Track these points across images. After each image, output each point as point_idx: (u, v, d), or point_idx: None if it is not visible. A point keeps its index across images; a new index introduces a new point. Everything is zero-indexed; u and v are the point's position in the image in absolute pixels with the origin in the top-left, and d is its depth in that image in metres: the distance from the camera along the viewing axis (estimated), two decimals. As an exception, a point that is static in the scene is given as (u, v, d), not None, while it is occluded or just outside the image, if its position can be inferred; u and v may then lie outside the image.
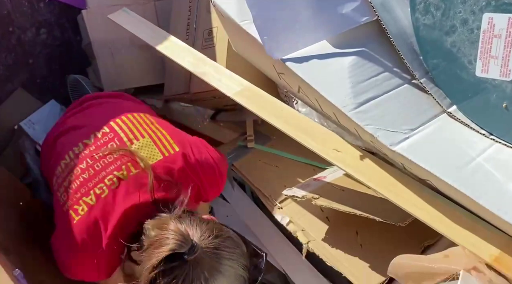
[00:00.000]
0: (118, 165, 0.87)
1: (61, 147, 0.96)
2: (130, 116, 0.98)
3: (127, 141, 0.92)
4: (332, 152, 0.86)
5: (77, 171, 0.88)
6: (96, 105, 1.08)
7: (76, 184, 0.87)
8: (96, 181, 0.86)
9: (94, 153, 0.89)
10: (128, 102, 1.15)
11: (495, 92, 0.76)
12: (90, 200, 0.84)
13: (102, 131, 0.94)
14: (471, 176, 0.71)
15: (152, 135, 0.94)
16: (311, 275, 1.17)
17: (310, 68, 0.85)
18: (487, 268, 0.65)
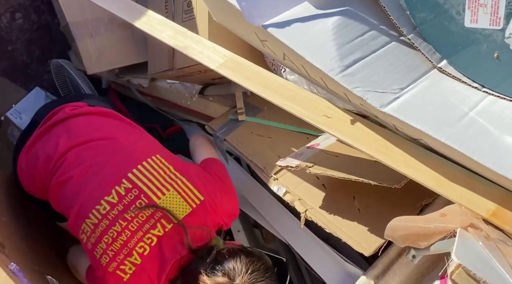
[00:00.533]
0: (152, 223, 0.94)
1: (73, 197, 0.99)
2: (145, 164, 1.00)
3: (153, 195, 0.96)
4: (322, 118, 0.84)
5: (112, 234, 0.93)
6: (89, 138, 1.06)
7: (116, 247, 0.93)
8: (136, 242, 0.93)
9: (124, 214, 0.94)
10: (117, 129, 1.11)
11: (485, 42, 0.73)
12: (134, 260, 0.92)
13: (123, 187, 0.96)
14: (464, 131, 0.69)
15: (175, 186, 0.98)
16: (312, 242, 1.17)
17: (293, 33, 0.82)
18: (483, 224, 0.64)
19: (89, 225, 0.95)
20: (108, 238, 0.93)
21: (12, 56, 1.63)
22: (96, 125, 1.10)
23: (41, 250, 1.17)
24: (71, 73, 1.60)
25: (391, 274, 0.96)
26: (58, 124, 1.11)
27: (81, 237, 0.97)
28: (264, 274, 0.92)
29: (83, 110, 1.14)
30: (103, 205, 0.95)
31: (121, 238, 0.93)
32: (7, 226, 1.08)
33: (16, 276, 0.84)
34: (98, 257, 0.94)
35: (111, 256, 0.92)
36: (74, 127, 1.09)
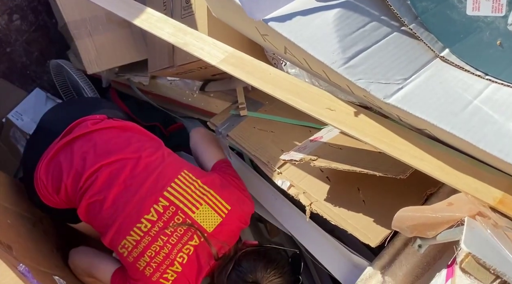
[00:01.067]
0: (190, 235, 1.06)
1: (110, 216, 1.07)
2: (177, 181, 1.10)
3: (188, 211, 1.08)
4: (325, 111, 0.84)
5: (155, 248, 1.04)
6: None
7: (159, 259, 1.04)
8: (176, 253, 1.05)
9: (165, 229, 1.05)
10: (142, 145, 1.16)
11: (488, 29, 0.73)
12: (176, 268, 1.04)
13: (161, 205, 1.07)
14: (469, 120, 0.69)
15: (206, 199, 1.10)
16: (317, 235, 1.17)
17: (294, 26, 0.81)
18: (491, 212, 0.64)
19: (130, 241, 1.05)
20: (151, 252, 1.04)
21: (11, 58, 1.63)
22: (122, 141, 1.16)
23: (47, 251, 1.17)
24: (70, 73, 1.60)
25: (398, 264, 0.97)
26: (80, 137, 1.15)
27: (121, 251, 1.06)
28: (282, 270, 1.06)
29: (105, 124, 1.19)
30: (144, 223, 1.05)
31: (163, 251, 1.04)
32: (12, 229, 1.08)
33: (25, 277, 0.85)
34: (142, 269, 1.04)
35: (155, 267, 1.04)
36: (100, 143, 1.14)
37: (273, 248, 1.13)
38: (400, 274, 0.96)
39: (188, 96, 1.55)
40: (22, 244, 1.06)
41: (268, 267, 1.05)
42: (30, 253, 1.07)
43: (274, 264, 1.06)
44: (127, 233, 1.05)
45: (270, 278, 1.04)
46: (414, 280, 0.96)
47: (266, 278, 1.04)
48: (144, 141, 1.18)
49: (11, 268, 0.79)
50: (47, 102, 1.65)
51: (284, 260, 1.11)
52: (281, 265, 1.07)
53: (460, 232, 0.66)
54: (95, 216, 1.09)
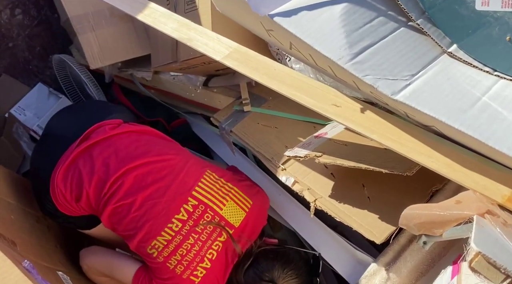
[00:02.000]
0: (219, 231, 1.09)
1: (139, 219, 1.08)
2: (203, 181, 1.13)
3: (217, 208, 1.10)
4: (331, 108, 0.83)
5: (187, 246, 1.06)
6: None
7: (190, 257, 1.06)
8: (206, 249, 1.07)
9: (195, 227, 1.07)
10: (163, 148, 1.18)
11: (497, 25, 0.72)
12: (206, 265, 1.07)
13: (190, 204, 1.09)
14: (477, 117, 0.68)
15: (231, 196, 1.13)
16: (321, 231, 1.17)
17: (300, 21, 0.80)
18: (500, 210, 0.64)
19: (161, 241, 1.06)
20: (183, 250, 1.06)
21: (13, 53, 1.62)
22: (142, 145, 1.17)
23: (50, 247, 1.17)
24: (73, 68, 1.59)
25: (402, 260, 0.97)
26: (99, 143, 1.15)
27: (150, 252, 1.07)
28: (299, 271, 1.09)
29: (123, 128, 1.20)
30: (175, 223, 1.07)
31: (194, 248, 1.07)
32: (16, 224, 1.08)
33: (30, 273, 0.84)
34: (172, 267, 1.06)
35: (185, 265, 1.06)
36: (121, 148, 1.14)
37: (292, 249, 1.16)
38: (405, 270, 0.96)
39: (191, 92, 1.54)
40: (26, 239, 1.06)
41: (285, 267, 1.08)
42: (34, 248, 1.07)
43: (292, 265, 1.09)
44: (158, 234, 1.06)
45: (286, 278, 1.06)
46: (418, 277, 0.96)
47: (282, 278, 1.06)
48: (163, 144, 1.21)
49: (16, 264, 0.78)
50: (49, 97, 1.65)
51: (302, 261, 1.13)
52: (298, 266, 1.10)
53: (467, 230, 0.65)
54: (121, 220, 1.09)
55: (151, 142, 1.19)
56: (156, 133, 1.24)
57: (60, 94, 1.64)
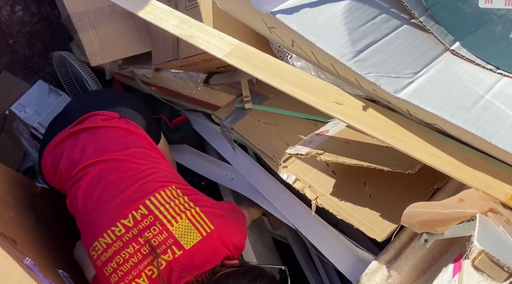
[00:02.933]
0: (164, 249, 0.98)
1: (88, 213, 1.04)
2: (162, 193, 1.05)
3: (167, 223, 1.01)
4: (333, 105, 0.83)
5: (125, 255, 0.98)
6: None
7: (126, 268, 0.97)
8: (146, 265, 0.97)
9: (138, 238, 0.98)
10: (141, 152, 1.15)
11: (500, 22, 0.71)
12: (143, 281, 0.96)
13: (140, 212, 1.02)
14: (480, 115, 0.68)
15: (188, 215, 1.03)
16: (322, 229, 1.17)
17: (302, 19, 0.80)
18: (503, 208, 0.64)
19: (101, 244, 1.00)
20: (120, 259, 0.98)
21: (13, 49, 1.62)
22: (123, 142, 1.15)
23: (50, 245, 1.17)
24: (74, 65, 1.59)
25: (403, 258, 0.96)
26: (87, 130, 1.17)
27: (92, 254, 1.01)
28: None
29: (114, 123, 1.19)
30: (118, 227, 1.00)
31: (133, 260, 0.97)
32: (15, 222, 1.08)
33: (32, 271, 0.84)
34: (108, 275, 0.98)
35: (120, 275, 0.97)
36: (102, 139, 1.15)
37: (255, 267, 1.05)
38: (406, 268, 0.95)
39: (192, 89, 1.54)
40: (26, 237, 1.06)
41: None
42: (34, 246, 1.07)
43: (258, 282, 0.98)
44: (100, 235, 1.00)
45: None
46: (419, 275, 0.96)
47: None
48: (146, 149, 1.18)
49: (17, 262, 0.78)
50: (50, 94, 1.65)
51: (270, 276, 1.03)
52: (265, 282, 0.99)
53: (469, 228, 0.65)
54: (76, 210, 1.08)
55: (133, 143, 1.16)
56: (144, 137, 1.21)
57: (60, 91, 1.64)
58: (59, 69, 1.70)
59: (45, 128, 1.57)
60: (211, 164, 1.52)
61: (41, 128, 1.58)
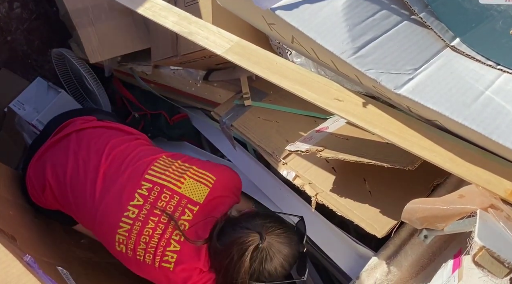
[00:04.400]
0: (181, 210, 1.01)
1: (94, 210, 1.04)
2: (156, 164, 1.08)
3: (174, 186, 1.04)
4: (333, 102, 0.83)
5: (148, 232, 0.99)
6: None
7: (155, 242, 0.99)
8: (171, 231, 0.99)
9: (154, 210, 1.00)
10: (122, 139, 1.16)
11: (501, 18, 0.71)
12: (174, 248, 0.99)
13: (144, 188, 1.03)
14: (481, 111, 0.68)
15: (189, 174, 1.07)
16: (322, 225, 1.17)
17: (302, 15, 0.80)
18: (503, 204, 0.64)
19: (122, 233, 1.01)
20: (145, 237, 0.99)
21: (12, 46, 1.61)
22: (105, 138, 1.15)
23: (49, 242, 1.17)
24: (72, 62, 1.58)
25: (403, 254, 0.97)
26: (68, 136, 1.16)
27: (119, 249, 1.02)
28: (280, 224, 1.01)
29: (93, 124, 1.20)
30: (131, 210, 1.01)
31: (157, 232, 0.99)
32: (14, 220, 1.08)
33: (32, 268, 0.84)
34: (142, 259, 1.00)
35: (153, 252, 0.99)
36: (85, 140, 1.14)
37: (271, 211, 1.13)
38: (406, 264, 0.96)
39: (191, 86, 1.53)
40: (25, 235, 1.06)
41: (268, 218, 1.01)
42: (33, 244, 1.06)
43: (275, 218, 1.03)
44: (117, 226, 1.01)
45: (271, 229, 0.98)
46: (419, 270, 0.97)
47: (266, 228, 0.97)
48: (126, 135, 1.19)
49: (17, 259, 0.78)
50: (48, 91, 1.64)
51: (286, 220, 1.07)
52: (282, 221, 1.03)
53: (469, 224, 0.65)
54: (80, 214, 1.09)
55: (113, 136, 1.16)
56: (121, 128, 1.22)
57: (59, 88, 1.63)
58: (58, 66, 1.70)
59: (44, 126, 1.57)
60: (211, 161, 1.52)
61: (40, 125, 1.57)
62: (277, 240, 0.97)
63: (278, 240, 0.97)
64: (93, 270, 1.25)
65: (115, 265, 1.36)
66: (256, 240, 0.94)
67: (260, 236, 0.94)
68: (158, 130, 1.63)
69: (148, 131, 1.64)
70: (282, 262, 0.98)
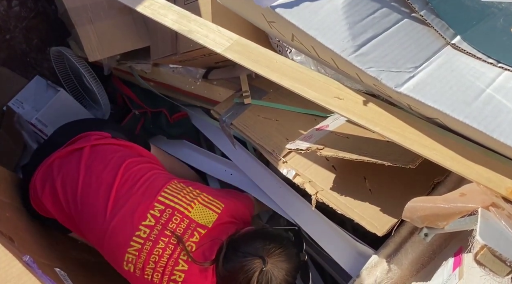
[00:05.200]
0: (190, 233, 1.06)
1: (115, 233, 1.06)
2: (169, 187, 1.12)
3: (185, 210, 1.08)
4: (333, 100, 0.82)
5: (158, 252, 1.03)
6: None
7: (164, 262, 1.03)
8: (179, 252, 1.03)
9: (164, 231, 1.05)
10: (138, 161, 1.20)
11: (502, 16, 0.71)
12: (182, 267, 1.03)
13: (157, 209, 1.07)
14: (482, 109, 0.68)
15: (199, 200, 1.11)
16: (322, 223, 1.17)
17: (303, 13, 0.80)
18: (505, 203, 0.64)
19: (132, 253, 1.04)
20: (155, 257, 1.03)
21: (10, 45, 1.60)
22: (118, 156, 1.18)
23: (46, 244, 1.17)
24: (71, 60, 1.58)
25: (403, 252, 0.97)
26: (81, 149, 1.18)
27: (127, 268, 1.05)
28: (281, 243, 1.04)
29: (108, 141, 1.23)
30: (142, 230, 1.05)
31: (166, 252, 1.03)
32: (11, 222, 1.08)
33: (31, 268, 0.84)
34: (150, 278, 1.03)
35: (161, 271, 1.02)
36: (99, 157, 1.16)
37: (270, 228, 1.17)
38: (406, 262, 0.96)
39: (190, 84, 1.53)
40: (22, 236, 1.06)
41: (266, 241, 1.04)
42: (31, 245, 1.06)
43: (272, 238, 1.06)
44: (128, 245, 1.04)
45: (271, 251, 1.02)
46: (419, 269, 0.97)
47: (267, 250, 1.01)
48: (140, 156, 1.23)
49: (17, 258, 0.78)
50: (47, 89, 1.63)
51: (283, 235, 1.11)
52: (279, 239, 1.06)
53: (470, 222, 0.65)
54: (86, 229, 1.11)
55: (128, 156, 1.19)
56: (136, 148, 1.25)
57: (58, 87, 1.62)
58: (57, 64, 1.69)
59: (43, 125, 1.56)
60: (210, 160, 1.52)
61: (39, 124, 1.56)
62: (279, 259, 1.02)
63: (280, 259, 1.02)
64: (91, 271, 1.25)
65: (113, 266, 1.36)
66: (259, 265, 0.99)
67: (263, 261, 0.99)
68: (158, 128, 1.62)
69: (148, 129, 1.63)
70: (286, 278, 1.03)
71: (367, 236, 1.02)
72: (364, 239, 1.10)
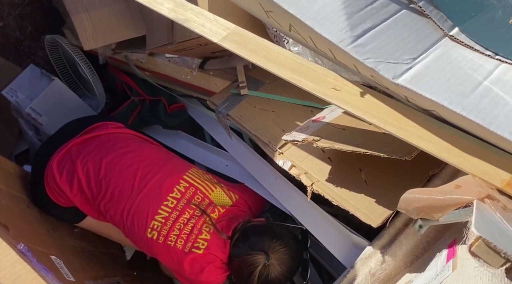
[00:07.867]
0: (212, 208, 1.17)
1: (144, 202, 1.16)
2: (192, 171, 1.23)
3: (206, 191, 1.20)
4: (331, 91, 0.82)
5: (183, 220, 1.13)
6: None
7: (188, 230, 1.13)
8: (202, 223, 1.14)
9: (190, 204, 1.15)
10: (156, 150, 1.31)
11: (500, 7, 0.71)
12: (205, 236, 1.13)
13: (182, 185, 1.18)
14: (479, 102, 0.68)
15: (217, 186, 1.22)
16: (317, 215, 1.18)
17: (300, 2, 0.79)
18: (500, 195, 0.64)
19: (159, 220, 1.13)
20: (180, 225, 1.13)
21: (4, 32, 1.58)
22: (137, 143, 1.29)
23: (42, 231, 1.17)
24: (66, 49, 1.56)
25: (398, 244, 0.97)
26: (99, 136, 1.26)
27: (150, 236, 1.13)
28: (287, 242, 1.13)
29: (124, 130, 1.33)
30: (170, 200, 1.15)
31: (191, 221, 1.13)
32: (6, 209, 1.08)
33: (25, 256, 0.84)
34: (173, 244, 1.12)
35: (185, 238, 1.12)
36: (118, 143, 1.25)
37: (279, 224, 1.24)
38: (400, 254, 0.96)
39: (186, 74, 1.52)
40: (18, 224, 1.05)
41: (273, 238, 1.12)
42: (26, 233, 1.06)
43: (279, 236, 1.13)
44: (156, 213, 1.13)
45: (276, 248, 1.10)
46: (413, 260, 0.97)
47: (272, 248, 1.10)
48: (159, 147, 1.33)
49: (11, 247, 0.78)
50: (42, 78, 1.61)
51: (290, 234, 1.17)
52: (286, 238, 1.14)
53: (465, 214, 0.66)
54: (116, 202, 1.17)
55: (145, 143, 1.31)
56: (150, 141, 1.36)
57: (52, 75, 1.61)
58: (52, 53, 1.67)
59: (37, 114, 1.55)
60: (206, 151, 1.52)
61: (33, 113, 1.55)
62: (282, 256, 1.11)
63: (283, 256, 1.11)
64: (86, 259, 1.25)
65: (109, 254, 1.37)
66: (263, 260, 1.09)
67: (266, 257, 1.09)
68: (155, 117, 1.61)
69: (144, 117, 1.63)
70: (286, 274, 1.12)
71: (362, 227, 1.03)
72: (359, 231, 1.11)
